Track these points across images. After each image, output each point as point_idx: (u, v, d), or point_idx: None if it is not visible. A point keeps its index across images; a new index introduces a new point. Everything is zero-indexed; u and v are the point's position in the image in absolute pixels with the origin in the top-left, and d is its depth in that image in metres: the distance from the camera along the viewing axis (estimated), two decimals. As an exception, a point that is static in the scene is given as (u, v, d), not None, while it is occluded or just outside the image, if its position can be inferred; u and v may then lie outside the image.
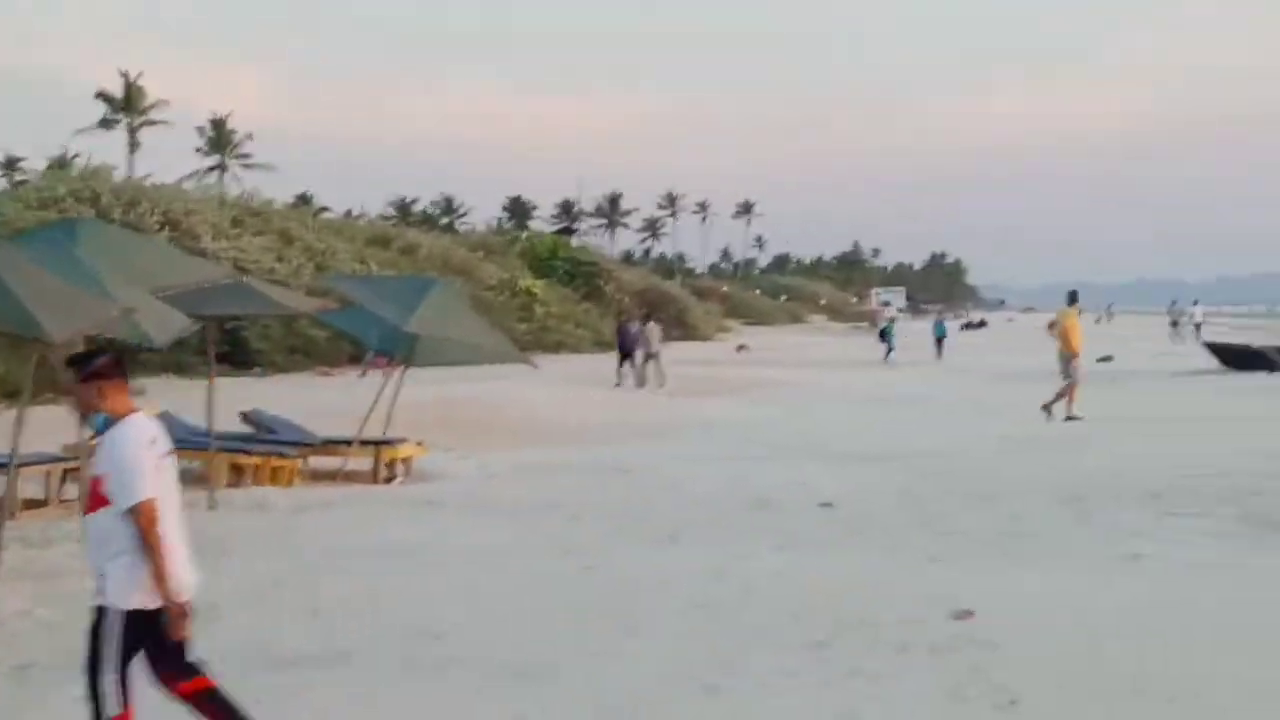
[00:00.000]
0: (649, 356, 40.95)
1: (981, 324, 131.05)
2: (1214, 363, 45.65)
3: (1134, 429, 24.00)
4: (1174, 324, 79.56)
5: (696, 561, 11.87)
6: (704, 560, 11.89)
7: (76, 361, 6.48)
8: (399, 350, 20.94)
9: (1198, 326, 76.01)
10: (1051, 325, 28.91)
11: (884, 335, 60.49)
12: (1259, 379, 39.41)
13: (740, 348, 69.82)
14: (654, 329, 42.38)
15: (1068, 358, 27.06)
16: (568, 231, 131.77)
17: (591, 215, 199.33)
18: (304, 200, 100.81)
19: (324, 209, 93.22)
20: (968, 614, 9.47)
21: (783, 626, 9.36)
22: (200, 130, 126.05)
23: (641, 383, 39.80)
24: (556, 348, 56.43)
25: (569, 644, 9.06)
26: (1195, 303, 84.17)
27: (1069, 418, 26.08)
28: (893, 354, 57.52)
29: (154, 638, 6.30)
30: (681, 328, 76.37)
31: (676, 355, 53.95)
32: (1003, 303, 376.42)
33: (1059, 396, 26.68)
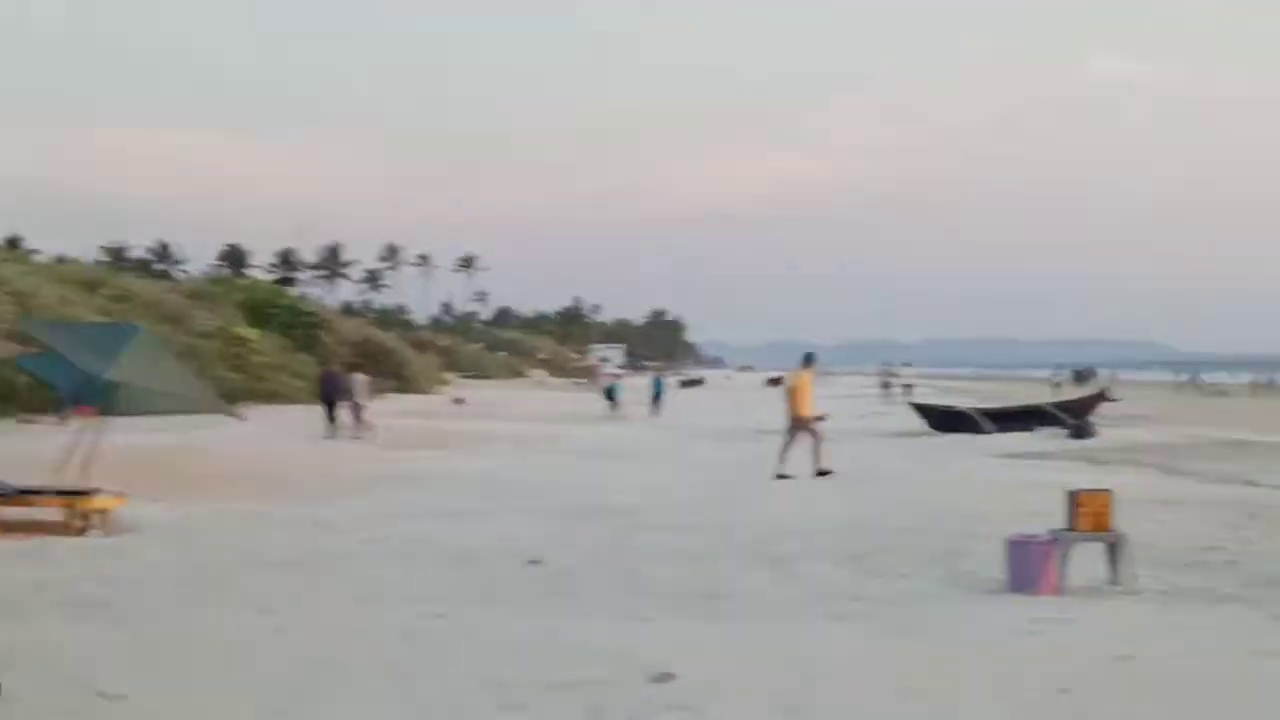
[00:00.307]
0: (356, 407, 40.55)
1: (699, 382, 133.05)
2: (921, 424, 46.82)
3: (841, 489, 24.26)
4: (884, 385, 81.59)
5: (396, 619, 11.56)
6: (404, 618, 11.59)
7: None
8: (95, 399, 20.25)
9: (907, 387, 78.13)
10: (775, 382, 29.35)
11: (610, 394, 60.90)
12: (963, 440, 40.48)
13: (457, 401, 69.65)
14: (361, 379, 42.04)
15: (796, 419, 27.30)
16: (287, 281, 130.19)
17: (312, 266, 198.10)
18: (12, 244, 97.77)
19: (34, 252, 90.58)
20: (668, 676, 9.33)
21: (477, 689, 9.10)
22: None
23: (355, 435, 39.35)
24: (271, 397, 55.45)
25: (254, 707, 8.70)
26: (905, 364, 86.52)
27: (820, 472, 26.31)
28: (619, 410, 57.93)
29: None
30: (400, 380, 75.94)
31: (393, 407, 53.51)
32: (721, 360, 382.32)
33: (817, 455, 26.89)
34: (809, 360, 28.73)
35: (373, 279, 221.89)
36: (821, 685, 9.30)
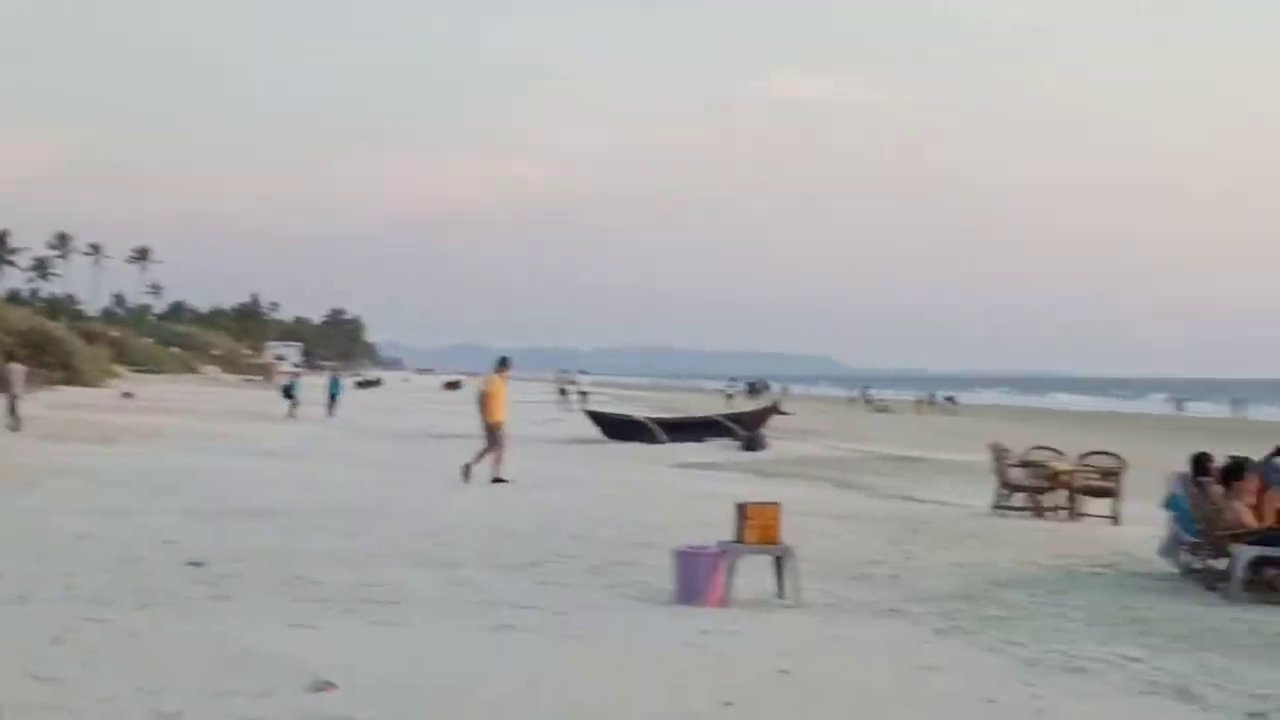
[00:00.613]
0: (12, 398, 39.19)
1: (377, 382, 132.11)
2: (596, 432, 47.15)
3: (517, 496, 24.18)
4: (562, 391, 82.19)
5: (47, 621, 11.02)
6: (56, 620, 11.05)
7: None
8: None
9: (583, 395, 78.81)
10: (453, 385, 29.21)
11: (289, 392, 59.91)
12: (638, 449, 40.85)
13: (126, 395, 67.97)
14: (18, 369, 40.69)
15: (487, 423, 27.09)
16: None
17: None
18: None
19: None
20: (329, 685, 9.06)
21: (130, 695, 8.70)
22: None
23: (10, 426, 37.98)
24: (-74, 387, 53.21)
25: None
26: (582, 372, 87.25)
27: (495, 480, 26.02)
28: (297, 409, 57.08)
29: None
30: (67, 371, 73.77)
31: (59, 400, 51.90)
32: (400, 362, 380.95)
33: (479, 457, 26.65)
34: (503, 364, 28.43)
35: (41, 267, 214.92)
36: (489, 694, 9.16)
